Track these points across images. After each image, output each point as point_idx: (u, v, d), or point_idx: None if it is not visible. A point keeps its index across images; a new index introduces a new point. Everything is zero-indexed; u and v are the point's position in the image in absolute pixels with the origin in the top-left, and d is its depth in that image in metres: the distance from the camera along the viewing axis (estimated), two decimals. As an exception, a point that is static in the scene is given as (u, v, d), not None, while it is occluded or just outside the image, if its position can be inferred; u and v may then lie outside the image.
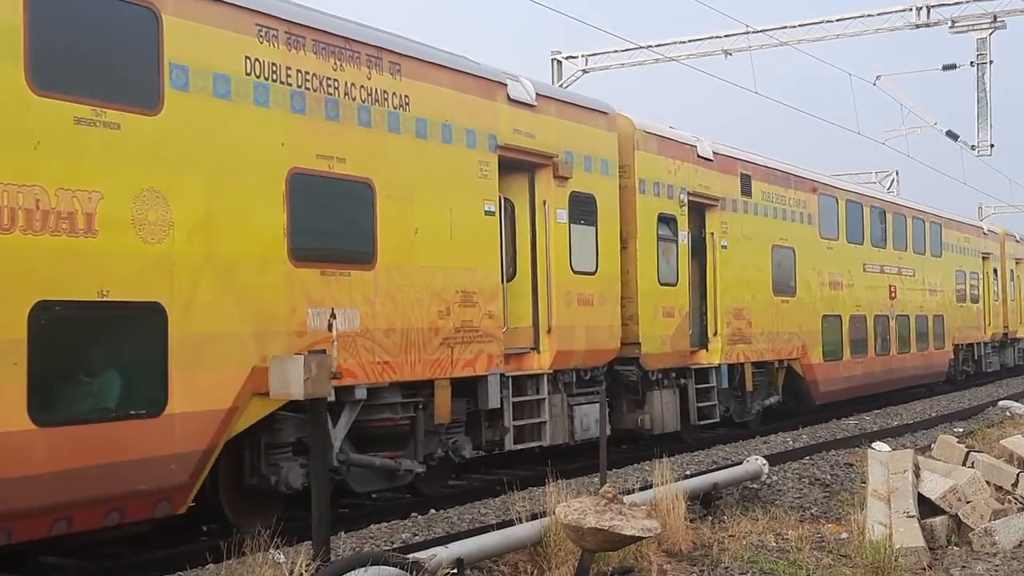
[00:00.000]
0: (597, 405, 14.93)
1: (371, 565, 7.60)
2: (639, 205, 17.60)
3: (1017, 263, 41.17)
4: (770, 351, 21.63)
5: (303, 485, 11.25)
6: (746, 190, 21.10)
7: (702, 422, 19.29)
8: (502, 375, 14.28)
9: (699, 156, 19.60)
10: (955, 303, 33.33)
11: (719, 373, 19.79)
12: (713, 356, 19.84)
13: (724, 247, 20.18)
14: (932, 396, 30.39)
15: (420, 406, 13.09)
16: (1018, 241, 41.39)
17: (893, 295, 28.15)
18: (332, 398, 10.81)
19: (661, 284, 18.10)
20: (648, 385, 17.81)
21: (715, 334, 19.84)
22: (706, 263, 20.04)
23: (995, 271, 38.04)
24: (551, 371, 15.35)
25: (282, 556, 8.95)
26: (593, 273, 16.19)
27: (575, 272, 15.77)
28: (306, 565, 8.10)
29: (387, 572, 7.68)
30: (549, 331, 15.24)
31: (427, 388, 13.05)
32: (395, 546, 10.24)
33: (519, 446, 14.82)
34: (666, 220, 18.38)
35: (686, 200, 18.84)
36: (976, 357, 36.06)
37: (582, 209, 16.02)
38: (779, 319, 21.98)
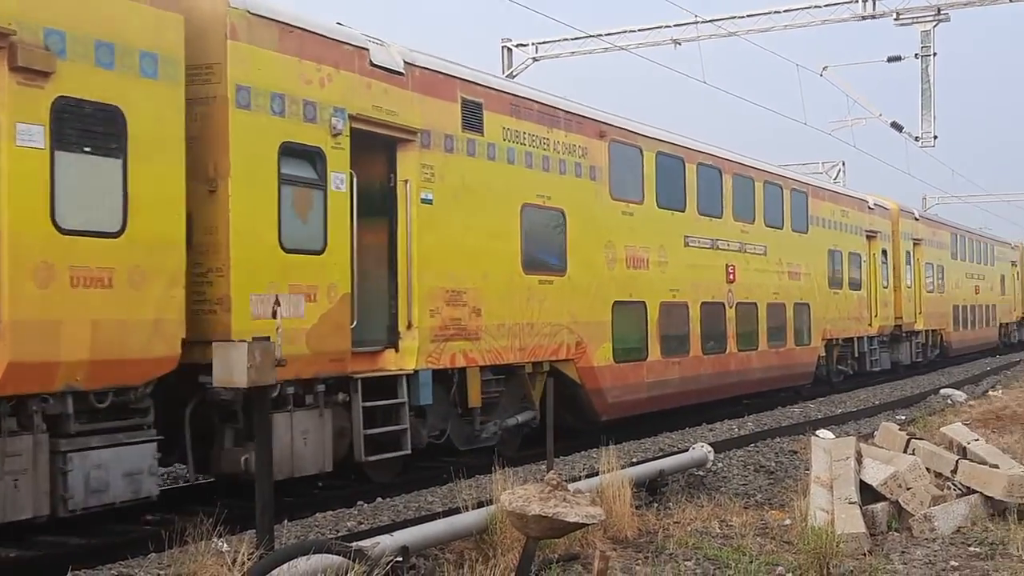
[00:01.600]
0: (114, 452, 9.93)
1: (313, 553, 7.58)
2: (236, 127, 11.08)
3: (915, 244, 35.31)
4: (517, 350, 15.32)
5: None
6: (473, 123, 14.65)
7: (373, 456, 12.89)
8: None
9: (375, 65, 13.01)
10: (827, 289, 27.31)
11: (416, 383, 13.33)
12: (405, 359, 13.31)
13: (428, 201, 13.81)
14: (806, 398, 26.00)
15: None
16: (916, 219, 35.93)
17: (731, 278, 22.16)
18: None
19: (287, 251, 11.58)
20: (276, 405, 11.16)
21: (409, 327, 13.38)
22: (397, 224, 13.60)
23: (884, 253, 32.28)
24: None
25: (225, 545, 8.88)
26: (115, 234, 9.82)
27: (65, 231, 9.40)
28: (249, 554, 8.07)
29: (329, 560, 7.66)
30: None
31: None
32: (340, 534, 10.22)
33: None
34: (301, 154, 11.89)
35: (344, 127, 12.39)
36: (858, 354, 30.06)
37: (88, 128, 9.67)
38: (534, 307, 15.76)
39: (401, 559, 8.43)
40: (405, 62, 13.67)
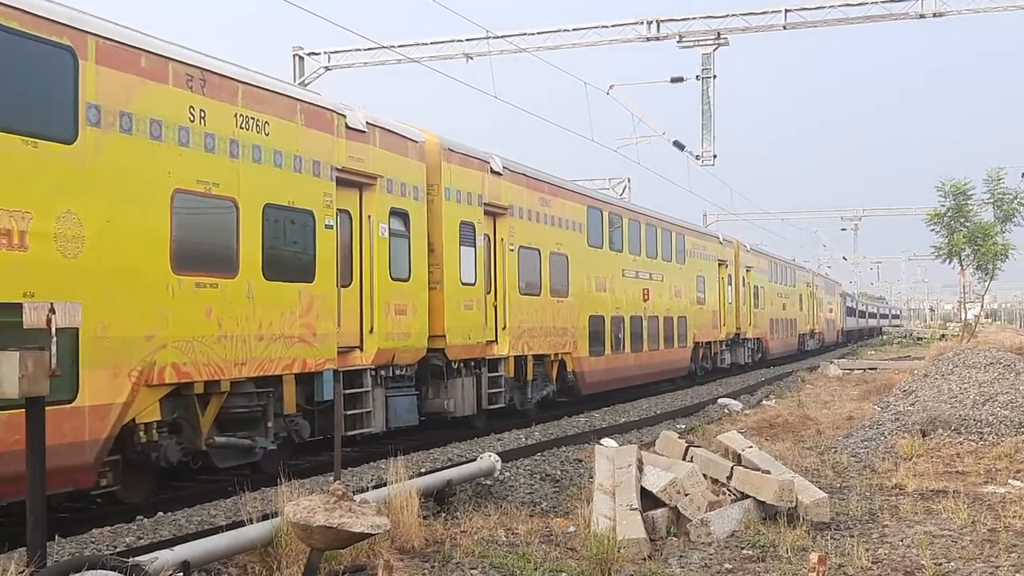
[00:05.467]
0: None
1: (88, 569, 7.29)
2: None
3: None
4: None
5: None
6: None
7: None
8: None
9: None
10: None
11: None
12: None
13: None
14: (658, 394, 30.72)
15: None
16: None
17: None
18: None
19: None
20: None
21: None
22: None
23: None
24: None
25: (-7, 563, 8.45)
26: None
27: None
28: (19, 572, 7.69)
29: (105, 577, 7.38)
30: None
31: None
32: (117, 550, 9.85)
33: None
34: None
35: None
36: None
37: None
38: None
39: (182, 574, 8.21)
40: None
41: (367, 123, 17.26)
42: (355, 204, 17.17)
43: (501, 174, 22.22)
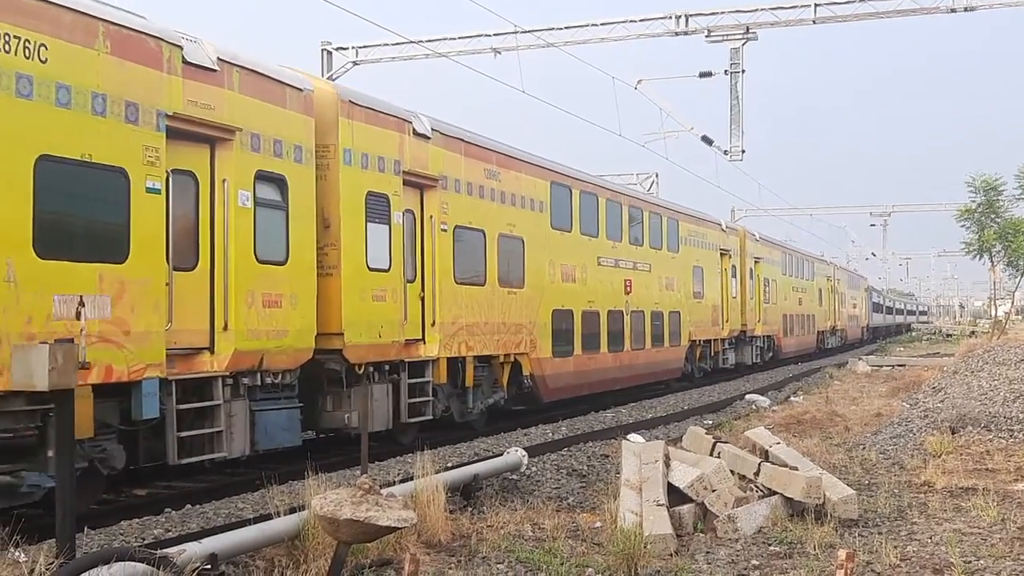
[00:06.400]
0: None
1: (116, 561, 7.32)
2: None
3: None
4: None
5: None
6: None
7: None
8: None
9: None
10: None
11: None
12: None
13: None
14: (685, 391, 30.91)
15: None
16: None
17: None
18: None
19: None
20: None
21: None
22: None
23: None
24: None
25: (23, 555, 8.52)
26: None
27: None
28: (48, 563, 7.75)
29: (133, 568, 7.42)
30: None
31: None
32: (146, 542, 9.91)
33: None
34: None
35: None
36: None
37: None
38: None
39: (210, 566, 8.26)
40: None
41: (219, 59, 13.25)
42: (203, 164, 13.26)
43: (429, 137, 18.21)
